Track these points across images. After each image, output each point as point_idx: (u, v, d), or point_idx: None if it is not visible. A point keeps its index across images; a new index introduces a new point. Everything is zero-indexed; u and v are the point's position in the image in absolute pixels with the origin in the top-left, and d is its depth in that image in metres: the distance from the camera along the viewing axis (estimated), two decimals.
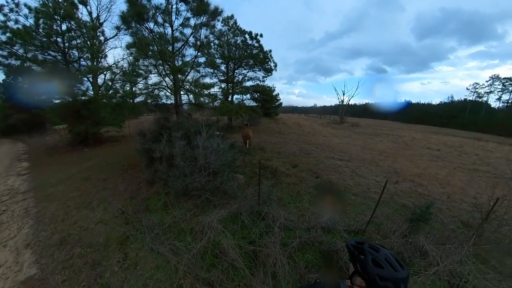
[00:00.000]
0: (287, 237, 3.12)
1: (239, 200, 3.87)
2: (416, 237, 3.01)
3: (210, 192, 4.00)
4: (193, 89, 8.76)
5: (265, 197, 3.49)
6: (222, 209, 3.67)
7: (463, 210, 5.08)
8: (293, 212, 3.94)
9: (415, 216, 3.10)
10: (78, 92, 10.44)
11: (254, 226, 3.27)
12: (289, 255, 2.81)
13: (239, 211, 3.55)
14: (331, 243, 2.94)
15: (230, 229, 3.34)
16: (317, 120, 38.15)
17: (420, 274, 2.59)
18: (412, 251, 2.94)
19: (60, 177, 6.67)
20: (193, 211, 3.88)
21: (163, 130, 4.90)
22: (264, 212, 3.38)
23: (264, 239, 2.96)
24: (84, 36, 10.71)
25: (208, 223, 3.28)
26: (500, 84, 41.75)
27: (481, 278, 2.53)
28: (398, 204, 4.94)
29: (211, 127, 4.67)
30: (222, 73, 15.31)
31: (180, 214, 3.80)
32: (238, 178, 5.21)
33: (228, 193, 4.11)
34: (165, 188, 4.46)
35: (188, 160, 3.98)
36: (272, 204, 3.49)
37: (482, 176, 8.26)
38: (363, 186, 5.74)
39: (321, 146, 11.30)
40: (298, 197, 4.65)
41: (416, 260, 2.84)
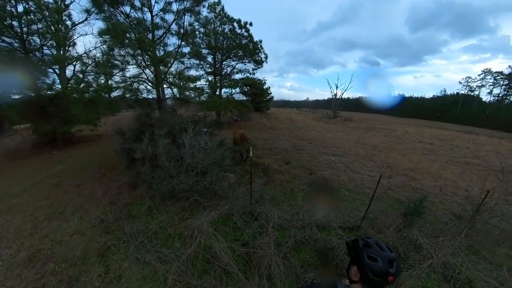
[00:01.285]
0: (282, 236, 3.17)
1: (231, 201, 3.86)
2: (410, 231, 3.17)
3: (199, 193, 3.94)
4: (177, 82, 8.50)
5: (258, 196, 3.50)
6: (213, 211, 3.65)
7: (455, 203, 5.41)
8: (287, 211, 4.00)
9: (408, 210, 3.26)
10: (42, 86, 9.57)
11: (247, 227, 3.29)
12: (284, 256, 2.86)
13: (230, 212, 3.54)
14: (326, 241, 3.02)
15: (221, 231, 3.33)
16: (310, 114, 38.76)
17: (415, 268, 2.74)
18: (407, 245, 3.10)
19: (25, 185, 6.23)
20: (181, 215, 3.81)
21: (144, 127, 4.73)
22: (257, 212, 3.40)
23: (257, 240, 2.99)
24: (46, 20, 9.74)
25: (197, 226, 3.24)
26: (492, 78, 44.44)
27: (473, 268, 2.72)
28: (392, 199, 5.16)
29: (197, 123, 4.58)
30: (209, 64, 14.96)
31: (167, 219, 3.72)
32: (229, 177, 5.19)
33: (218, 193, 4.08)
34: (149, 191, 4.34)
35: (174, 160, 3.89)
36: (265, 203, 3.51)
37: (473, 169, 8.81)
38: (357, 182, 5.94)
39: (314, 142, 11.51)
40: (292, 195, 4.72)
41: (410, 254, 3.00)
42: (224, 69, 15.62)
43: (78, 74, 9.80)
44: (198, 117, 5.47)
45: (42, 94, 9.48)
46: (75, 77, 10.07)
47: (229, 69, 15.79)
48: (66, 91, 9.21)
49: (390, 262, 0.84)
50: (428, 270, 2.70)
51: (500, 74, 42.97)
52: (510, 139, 19.20)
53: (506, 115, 31.02)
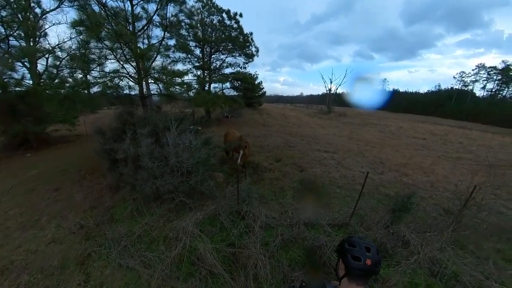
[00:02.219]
0: (269, 235, 3.21)
1: (218, 201, 3.88)
2: (398, 227, 3.29)
3: (185, 194, 3.93)
4: (163, 77, 8.32)
5: (245, 195, 3.53)
6: (199, 211, 3.66)
7: (445, 198, 5.63)
8: (276, 209, 4.05)
9: (397, 207, 3.38)
10: (9, 81, 8.78)
11: (233, 227, 3.32)
12: (271, 255, 2.91)
13: (217, 212, 3.56)
14: (315, 239, 3.10)
15: (208, 232, 3.34)
16: (304, 110, 39.09)
17: (401, 262, 2.86)
18: (395, 241, 3.21)
19: None
20: (167, 217, 3.81)
21: (126, 126, 4.64)
22: (244, 211, 3.43)
23: (244, 240, 3.02)
24: (11, 7, 8.89)
25: (182, 228, 3.24)
26: (486, 73, 46.09)
27: (459, 263, 2.86)
28: (383, 195, 5.32)
29: (182, 121, 4.53)
30: (197, 58, 14.68)
31: (152, 221, 3.71)
32: (217, 177, 5.19)
33: (205, 193, 4.09)
34: (133, 193, 4.29)
35: (158, 160, 3.85)
36: (253, 202, 3.55)
37: (465, 164, 9.19)
38: (348, 178, 6.08)
39: (307, 138, 11.65)
40: (281, 193, 4.79)
41: (398, 250, 3.11)
42: (213, 63, 15.39)
43: (51, 68, 9.17)
44: (183, 115, 5.39)
45: (10, 91, 8.81)
46: (47, 72, 9.41)
47: (219, 63, 15.59)
48: (38, 88, 8.64)
49: (367, 248, 0.97)
50: (414, 266, 2.82)
51: (493, 69, 44.65)
52: (502, 134, 20.12)
53: (498, 110, 32.39)
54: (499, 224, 4.15)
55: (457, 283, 2.71)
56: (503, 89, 44.35)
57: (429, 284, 2.70)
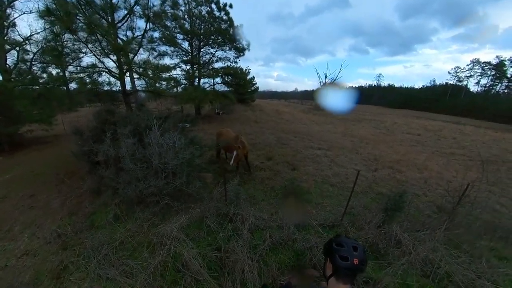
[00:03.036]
0: (258, 238, 3.18)
1: (205, 203, 3.80)
2: (390, 227, 3.31)
3: (170, 196, 3.84)
4: (147, 72, 8.06)
5: (233, 196, 3.47)
6: (185, 214, 3.58)
7: (438, 194, 5.74)
8: (266, 210, 4.01)
9: (389, 205, 3.40)
10: None
11: (221, 230, 3.26)
12: (259, 258, 2.87)
13: (204, 214, 3.49)
14: (305, 240, 3.08)
15: (194, 236, 3.28)
16: (298, 106, 39.17)
17: (393, 263, 2.88)
18: (387, 241, 3.24)
19: None
20: (151, 221, 3.71)
21: (106, 126, 4.47)
22: (231, 213, 3.38)
23: (231, 243, 2.97)
24: None
25: (167, 233, 3.16)
26: (480, 68, 47.53)
27: (452, 262, 2.90)
28: (376, 193, 5.38)
29: (166, 119, 4.40)
30: (185, 52, 14.31)
31: (135, 227, 3.60)
32: (206, 177, 5.10)
33: (192, 195, 4.01)
34: (115, 197, 4.15)
35: (140, 162, 3.72)
36: (241, 204, 3.49)
37: (458, 160, 9.43)
38: (341, 176, 6.11)
39: (300, 135, 11.66)
40: (272, 193, 4.75)
41: (391, 250, 3.13)
42: (202, 57, 15.03)
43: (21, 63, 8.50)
44: (168, 112, 5.23)
45: None
46: (18, 67, 8.72)
47: (208, 57, 15.22)
48: (8, 84, 8.01)
49: (354, 247, 1.01)
50: (406, 266, 2.84)
51: (487, 64, 46.13)
52: (495, 129, 20.83)
53: (492, 105, 33.52)
54: (493, 222, 4.25)
55: (449, 283, 2.74)
56: (497, 85, 45.89)
57: (421, 285, 2.72)
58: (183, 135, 4.09)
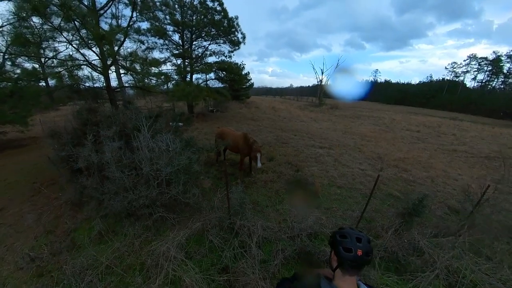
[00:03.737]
0: (268, 252, 2.92)
1: (205, 214, 3.50)
2: (410, 234, 3.13)
3: (165, 207, 3.52)
4: (135, 67, 7.59)
5: (237, 205, 3.18)
6: (182, 229, 3.26)
7: (447, 193, 5.67)
8: (273, 218, 3.77)
9: (407, 210, 3.21)
10: None
11: (225, 246, 2.97)
12: (272, 276, 2.62)
13: (205, 228, 3.19)
14: (320, 253, 2.85)
15: (195, 254, 2.96)
16: (294, 102, 39.09)
17: (417, 276, 2.69)
18: (406, 249, 3.05)
19: None
20: (145, 237, 3.34)
21: (87, 127, 4.05)
22: (237, 225, 3.10)
23: (239, 262, 2.68)
24: None
25: (163, 252, 2.84)
26: (477, 63, 48.54)
27: (477, 270, 2.74)
28: (385, 194, 5.23)
29: (158, 118, 4.03)
30: (175, 45, 13.74)
31: (125, 245, 3.22)
32: (203, 183, 4.80)
33: (190, 205, 3.69)
34: (100, 210, 3.76)
35: (128, 168, 3.37)
36: (246, 214, 3.22)
37: (461, 156, 9.47)
38: (348, 177, 5.93)
39: (300, 133, 11.48)
40: (277, 198, 4.51)
41: (411, 259, 2.95)
42: (194, 50, 14.52)
43: None
44: (159, 110, 4.81)
45: None
46: None
47: (201, 51, 14.73)
48: None
49: (358, 239, 1.01)
50: (432, 278, 2.66)
51: (484, 60, 47.13)
52: (491, 125, 21.29)
53: (488, 101, 34.31)
54: (506, 223, 4.14)
55: None
56: (493, 80, 47.02)
57: None
58: (177, 136, 3.74)
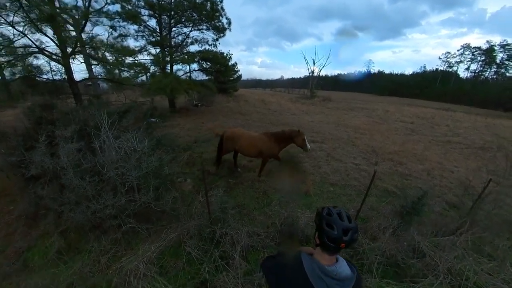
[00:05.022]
0: (254, 262, 2.70)
1: (184, 221, 3.21)
2: (408, 234, 2.99)
3: (137, 217, 3.20)
4: (105, 56, 7.01)
5: (218, 211, 2.90)
6: (156, 240, 2.96)
7: (444, 187, 5.65)
8: (260, 221, 3.54)
9: (405, 209, 3.07)
10: None
11: (205, 257, 2.71)
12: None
13: (182, 238, 2.91)
14: None
15: (170, 268, 2.68)
16: (285, 95, 38.91)
17: (419, 281, 2.55)
18: (406, 251, 2.92)
19: None
20: (112, 252, 3.00)
21: (42, 126, 3.59)
22: (218, 234, 2.83)
23: (220, 276, 2.44)
24: None
25: (132, 269, 2.54)
26: (470, 53, 49.98)
27: (480, 271, 2.63)
28: (381, 190, 5.12)
29: (125, 114, 3.65)
30: (151, 31, 12.75)
31: (89, 263, 2.87)
32: (183, 185, 4.50)
33: (167, 212, 3.39)
34: (59, 223, 3.38)
35: (90, 174, 3.00)
36: (229, 220, 2.96)
37: (455, 148, 9.61)
38: (341, 173, 5.79)
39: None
40: (266, 198, 4.28)
41: (411, 262, 2.81)
42: (174, 38, 13.67)
43: None
44: (128, 106, 4.39)
45: None
46: None
47: (181, 38, 13.88)
48: None
49: (345, 231, 1.00)
50: (434, 282, 2.53)
51: (478, 49, 48.60)
52: (484, 115, 22.00)
53: (481, 91, 35.52)
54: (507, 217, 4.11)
55: None
56: (486, 70, 48.67)
57: None
58: (149, 134, 3.39)
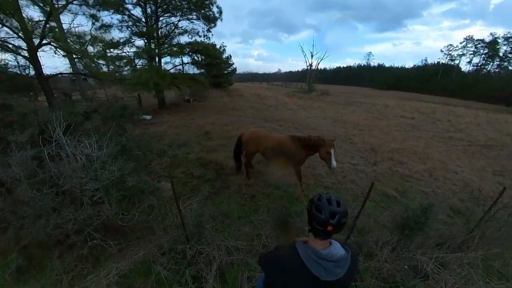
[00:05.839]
0: (233, 281, 2.39)
1: (158, 234, 2.89)
2: (410, 252, 2.70)
3: (106, 229, 2.88)
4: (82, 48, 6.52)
5: (192, 225, 2.57)
6: (123, 258, 2.64)
7: (448, 190, 5.37)
8: (244, 232, 3.23)
9: (407, 222, 2.77)
10: None
11: (177, 277, 2.40)
12: None
13: (152, 255, 2.58)
14: None
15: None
16: (282, 89, 38.44)
17: None
18: (406, 271, 2.63)
19: None
20: (78, 269, 2.69)
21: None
22: (190, 252, 2.51)
23: None
24: None
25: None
26: (473, 46, 49.60)
27: None
28: (380, 194, 4.83)
29: (90, 116, 3.26)
30: (137, 21, 12.00)
31: (50, 283, 2.58)
32: (162, 189, 4.14)
33: (140, 224, 3.06)
34: (18, 240, 3.05)
35: (48, 185, 2.64)
36: (205, 234, 2.63)
37: (458, 145, 9.36)
38: (337, 175, 5.49)
39: (286, 123, 10.97)
40: (253, 205, 3.95)
41: (411, 283, 2.53)
42: (161, 28, 12.95)
43: None
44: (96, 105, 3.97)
45: None
46: None
47: (169, 29, 13.16)
48: None
49: (332, 214, 1.05)
50: None
51: (481, 42, 48.22)
52: (485, 110, 21.84)
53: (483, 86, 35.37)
54: None
55: None
56: (488, 64, 48.43)
57: None
58: (119, 136, 3.02)
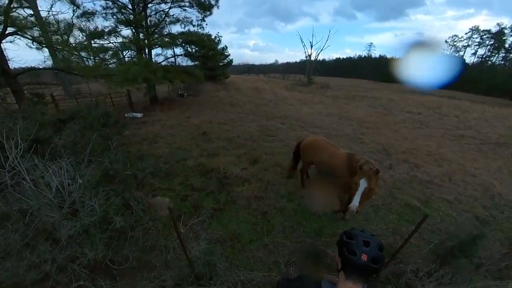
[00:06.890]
0: None
1: (159, 268, 2.50)
2: (458, 285, 2.38)
3: (92, 267, 2.48)
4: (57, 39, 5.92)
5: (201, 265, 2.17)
6: None
7: (470, 196, 5.12)
8: (257, 260, 2.87)
9: (448, 251, 2.44)
10: None
11: None
12: None
13: None
14: None
15: None
16: (280, 81, 37.82)
17: None
18: None
19: None
20: None
21: None
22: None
23: None
24: None
25: None
26: (478, 37, 49.41)
27: None
28: (401, 204, 4.53)
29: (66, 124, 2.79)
30: (118, 7, 10.97)
31: None
32: (161, 206, 3.72)
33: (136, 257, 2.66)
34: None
35: (14, 218, 2.20)
36: (218, 272, 2.26)
37: (471, 143, 9.17)
38: None
39: (289, 120, 10.59)
40: (265, 223, 3.57)
41: None
42: (150, 16, 12.02)
43: None
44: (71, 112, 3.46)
45: None
46: None
47: (159, 17, 12.27)
48: None
49: (366, 242, 0.97)
50: None
51: (487, 33, 48.07)
52: (491, 104, 21.84)
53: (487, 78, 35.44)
54: None
55: None
56: (494, 55, 48.44)
57: None
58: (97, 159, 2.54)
